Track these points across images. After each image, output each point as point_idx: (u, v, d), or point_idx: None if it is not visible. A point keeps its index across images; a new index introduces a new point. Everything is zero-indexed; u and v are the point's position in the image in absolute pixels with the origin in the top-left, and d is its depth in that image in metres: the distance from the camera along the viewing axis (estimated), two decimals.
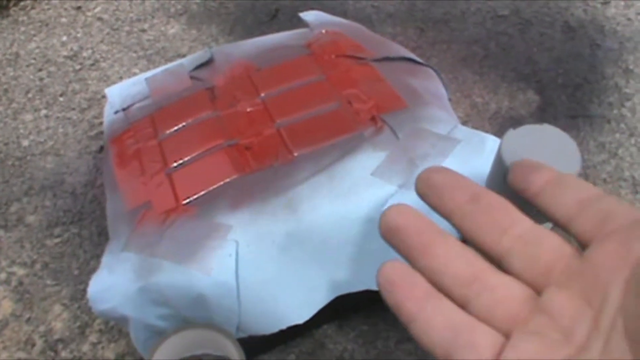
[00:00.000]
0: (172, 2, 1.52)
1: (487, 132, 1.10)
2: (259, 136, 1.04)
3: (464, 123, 1.23)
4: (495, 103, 1.28)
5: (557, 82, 1.32)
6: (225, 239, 0.92)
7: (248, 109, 1.09)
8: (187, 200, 0.97)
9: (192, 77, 1.18)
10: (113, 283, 0.92)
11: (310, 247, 0.92)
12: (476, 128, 1.22)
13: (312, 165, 0.99)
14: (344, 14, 1.44)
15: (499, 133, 1.22)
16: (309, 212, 0.93)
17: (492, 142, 1.00)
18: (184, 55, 1.39)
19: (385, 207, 0.91)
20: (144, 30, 1.46)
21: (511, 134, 0.82)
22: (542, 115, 1.26)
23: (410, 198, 0.93)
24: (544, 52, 1.38)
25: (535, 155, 0.79)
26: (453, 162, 0.97)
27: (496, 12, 1.45)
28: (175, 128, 1.08)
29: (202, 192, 0.98)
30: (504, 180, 0.80)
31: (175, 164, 1.03)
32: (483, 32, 1.42)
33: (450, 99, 1.17)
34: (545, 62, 1.36)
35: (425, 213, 0.91)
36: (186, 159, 1.03)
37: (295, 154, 1.01)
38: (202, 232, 0.93)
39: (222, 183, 0.98)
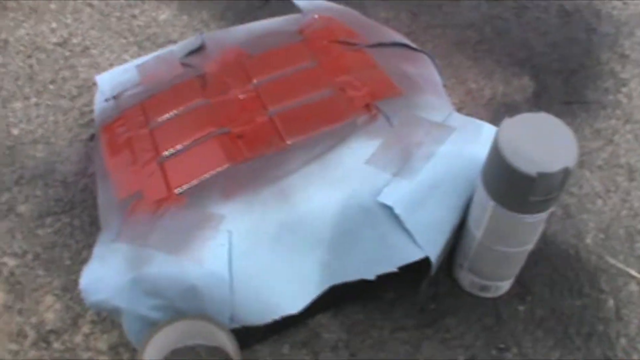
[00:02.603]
0: None
1: (482, 118, 1.09)
2: (251, 124, 1.03)
3: (459, 109, 1.22)
4: (490, 89, 1.27)
5: (552, 68, 1.31)
6: (218, 229, 0.91)
7: (240, 96, 1.08)
8: (179, 190, 0.97)
9: (183, 64, 1.16)
10: (105, 274, 0.91)
11: (303, 237, 0.92)
12: (471, 114, 1.21)
13: (304, 154, 0.98)
14: None
15: (494, 119, 1.22)
16: (302, 201, 0.93)
17: (487, 130, 0.99)
18: (175, 41, 1.38)
19: (380, 195, 0.91)
20: (134, 16, 1.44)
21: (508, 122, 0.81)
22: (537, 101, 1.26)
23: (405, 187, 0.92)
24: (539, 37, 1.36)
25: (531, 145, 0.79)
26: (448, 149, 0.96)
27: None
28: (167, 116, 1.07)
29: (194, 182, 0.97)
30: (501, 169, 0.79)
31: (166, 153, 1.02)
32: (477, 16, 1.40)
33: (445, 85, 1.16)
34: (541, 47, 1.35)
35: (420, 202, 0.90)
36: (178, 147, 1.02)
37: (288, 142, 1.00)
38: (194, 222, 0.92)
39: (214, 172, 0.97)
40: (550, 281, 1.03)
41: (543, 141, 0.79)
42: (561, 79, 1.29)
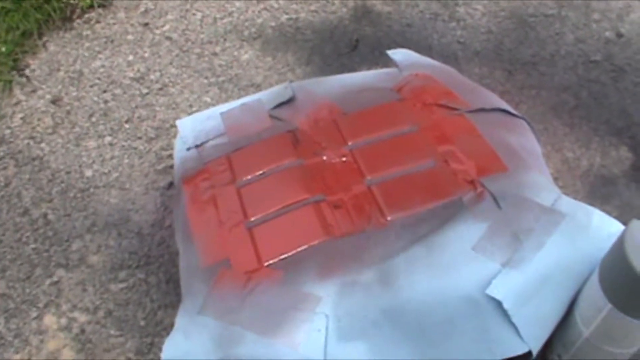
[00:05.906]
0: (246, 24, 1.44)
1: (578, 191, 1.04)
2: (347, 192, 0.97)
3: (555, 179, 1.15)
4: (587, 159, 1.21)
5: None
6: (314, 311, 0.85)
7: (334, 160, 1.02)
8: (270, 262, 0.91)
9: (272, 116, 1.11)
10: (190, 350, 0.86)
11: (404, 325, 0.85)
12: (567, 186, 1.15)
13: (408, 234, 0.92)
14: (428, 49, 1.36)
15: (591, 193, 1.16)
16: (405, 287, 0.86)
17: (598, 218, 0.93)
18: (258, 85, 1.32)
19: (489, 288, 0.85)
20: (215, 54, 1.39)
21: (635, 225, 0.75)
22: (635, 174, 1.19)
23: (514, 279, 0.86)
24: (637, 104, 1.30)
25: None
26: (559, 239, 0.89)
27: (588, 57, 1.37)
28: (256, 174, 1.02)
29: (287, 254, 0.91)
30: (626, 275, 0.73)
31: (256, 218, 0.96)
32: (574, 78, 1.34)
33: (542, 153, 1.10)
34: (639, 116, 1.28)
35: (529, 296, 0.84)
36: (268, 212, 0.96)
37: (389, 219, 0.93)
38: (289, 302, 0.86)
39: (309, 246, 0.92)
40: None
41: None
42: None
